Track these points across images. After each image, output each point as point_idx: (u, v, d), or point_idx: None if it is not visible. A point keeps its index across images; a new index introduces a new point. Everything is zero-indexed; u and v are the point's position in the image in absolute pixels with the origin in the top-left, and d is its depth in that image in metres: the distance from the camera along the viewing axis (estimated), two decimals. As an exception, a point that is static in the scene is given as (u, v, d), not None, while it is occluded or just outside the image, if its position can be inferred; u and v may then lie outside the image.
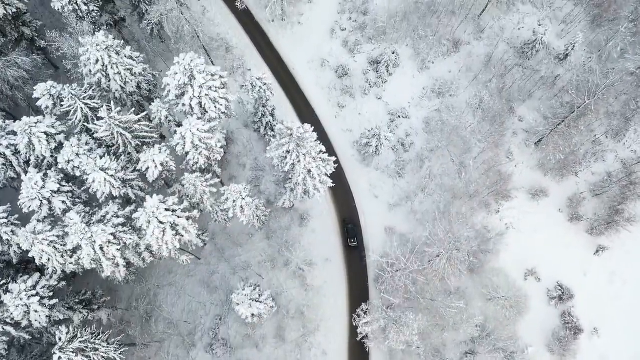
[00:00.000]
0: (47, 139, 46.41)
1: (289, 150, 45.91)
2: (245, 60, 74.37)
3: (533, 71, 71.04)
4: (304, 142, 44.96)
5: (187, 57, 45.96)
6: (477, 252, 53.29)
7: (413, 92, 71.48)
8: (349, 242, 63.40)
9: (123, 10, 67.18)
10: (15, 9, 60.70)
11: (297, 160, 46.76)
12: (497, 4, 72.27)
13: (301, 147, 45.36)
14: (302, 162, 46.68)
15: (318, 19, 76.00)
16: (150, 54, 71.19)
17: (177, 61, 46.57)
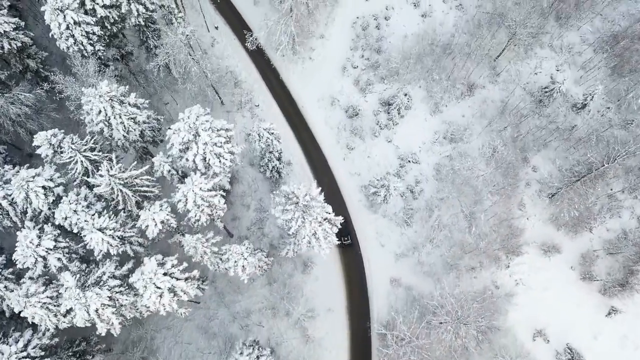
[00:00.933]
0: (45, 192, 44.86)
1: (294, 217, 44.07)
2: (254, 96, 72.68)
3: (549, 119, 68.91)
4: (311, 210, 43.10)
5: (192, 115, 44.34)
6: (486, 329, 51.20)
7: (424, 136, 69.48)
8: (343, 240, 62.62)
9: (130, 44, 65.61)
10: (20, 43, 59.30)
11: (303, 226, 44.92)
12: (515, 47, 69.98)
13: (307, 214, 43.51)
14: (308, 228, 44.85)
15: (330, 55, 74.15)
16: (156, 87, 69.77)
17: (182, 117, 44.97)
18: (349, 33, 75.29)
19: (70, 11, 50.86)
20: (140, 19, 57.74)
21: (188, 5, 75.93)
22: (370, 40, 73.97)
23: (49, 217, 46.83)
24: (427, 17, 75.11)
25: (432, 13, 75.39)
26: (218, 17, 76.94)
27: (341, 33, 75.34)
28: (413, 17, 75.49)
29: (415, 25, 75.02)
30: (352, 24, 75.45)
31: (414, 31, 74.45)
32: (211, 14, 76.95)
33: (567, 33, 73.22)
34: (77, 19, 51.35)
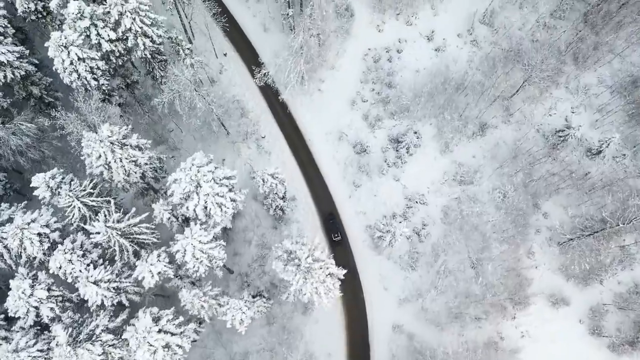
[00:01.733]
0: (40, 239, 43.51)
1: (295, 278, 42.52)
2: (260, 127, 71.21)
3: (562, 164, 66.92)
4: (313, 272, 41.51)
5: (193, 167, 42.73)
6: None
7: (433, 176, 67.74)
8: (333, 237, 63.39)
9: (137, 73, 64.32)
10: (24, 71, 58.15)
11: (304, 285, 43.34)
12: (530, 87, 68.02)
13: (309, 275, 41.94)
14: (309, 287, 43.26)
15: (339, 87, 72.51)
16: (161, 115, 68.45)
17: (183, 167, 43.53)
18: (360, 65, 73.64)
19: (74, 47, 49.54)
20: (146, 52, 56.37)
21: (197, 30, 74.55)
22: (381, 74, 72.27)
23: (43, 263, 45.51)
24: (440, 52, 73.35)
25: (446, 48, 73.62)
26: (227, 44, 75.52)
27: (352, 65, 73.70)
28: (426, 51, 73.74)
29: (428, 59, 73.28)
30: (364, 56, 73.80)
31: (426, 66, 72.70)
32: (220, 39, 75.51)
33: (584, 74, 71.20)
34: (81, 55, 50.06)
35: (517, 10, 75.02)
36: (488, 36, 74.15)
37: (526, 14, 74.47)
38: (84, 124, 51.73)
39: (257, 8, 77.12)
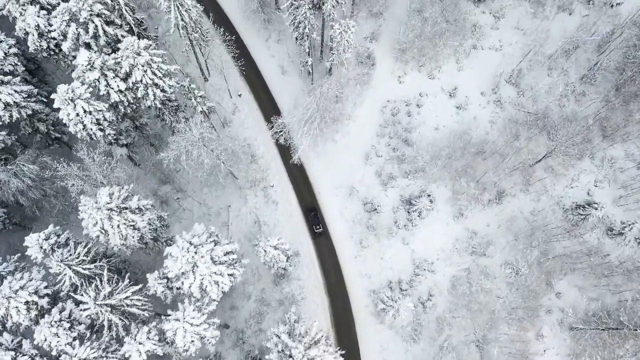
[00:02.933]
0: (28, 307, 41.72)
1: (288, 376, 40.29)
2: (270, 174, 69.05)
3: (580, 241, 63.84)
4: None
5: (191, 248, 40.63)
6: None
7: (444, 243, 65.07)
8: (315, 228, 64.63)
9: (146, 116, 62.54)
10: (31, 110, 56.65)
11: (297, 380, 41.07)
12: (553, 156, 65.00)
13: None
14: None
15: (354, 139, 70.09)
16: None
17: (179, 244, 41.40)
18: (377, 117, 71.16)
19: (81, 100, 47.76)
20: (156, 101, 54.48)
21: (213, 66, 72.54)
22: (398, 129, 69.72)
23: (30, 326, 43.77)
24: (462, 110, 70.60)
25: (468, 106, 70.84)
26: (243, 84, 73.48)
27: (369, 116, 71.25)
28: (447, 108, 71.03)
29: (449, 117, 70.55)
30: (382, 108, 71.31)
31: (446, 123, 70.01)
32: (236, 79, 73.47)
33: (610, 146, 68.00)
34: (87, 109, 48.31)
35: (546, 72, 72.00)
36: (513, 97, 71.23)
37: (555, 77, 71.33)
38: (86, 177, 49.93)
39: (277, 49, 74.96)
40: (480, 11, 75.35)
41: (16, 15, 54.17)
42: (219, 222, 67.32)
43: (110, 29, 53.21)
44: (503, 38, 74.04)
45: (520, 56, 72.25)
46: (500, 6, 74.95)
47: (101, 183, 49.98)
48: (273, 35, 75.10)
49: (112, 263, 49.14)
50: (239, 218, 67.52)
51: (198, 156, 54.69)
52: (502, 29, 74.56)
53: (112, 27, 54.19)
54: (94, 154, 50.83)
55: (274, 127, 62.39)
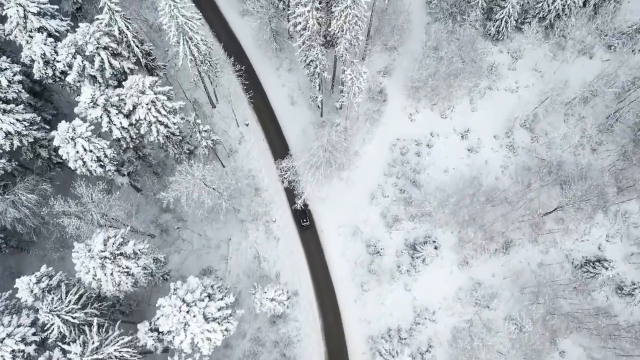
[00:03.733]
0: (13, 355, 40.58)
1: None
2: (273, 208, 67.64)
3: (588, 298, 61.87)
4: None
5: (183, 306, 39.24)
6: None
7: (447, 291, 63.38)
8: (302, 222, 64.66)
9: (149, 146, 61.31)
10: (32, 138, 55.63)
11: None
12: (565, 208, 62.99)
13: None
14: None
15: (361, 177, 68.47)
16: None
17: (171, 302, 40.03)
18: (386, 155, 69.49)
19: (81, 139, 46.58)
20: (160, 137, 53.22)
21: (222, 93, 71.14)
22: (407, 169, 68.01)
23: (16, 374, 42.61)
24: (473, 153, 68.72)
25: (480, 149, 69.00)
26: (251, 113, 72.03)
27: (378, 154, 69.59)
28: (458, 150, 69.21)
29: (459, 159, 68.74)
30: (392, 146, 69.62)
31: (456, 166, 68.21)
32: (244, 107, 72.01)
33: (625, 200, 65.82)
34: (88, 147, 47.10)
35: (562, 118, 70.04)
36: (527, 142, 69.29)
37: (571, 123, 69.33)
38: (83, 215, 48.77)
39: (288, 78, 73.49)
40: (498, 50, 73.44)
41: (22, 43, 53.09)
42: (218, 255, 66.07)
43: (117, 62, 52.07)
44: (520, 80, 72.07)
45: (537, 100, 70.35)
46: (518, 46, 72.95)
47: (98, 223, 48.79)
48: (284, 64, 73.65)
49: (104, 307, 47.90)
50: (238, 252, 66.19)
51: (199, 197, 53.30)
52: (520, 70, 72.59)
53: (118, 59, 53.06)
54: (92, 190, 49.61)
55: (279, 167, 60.70)
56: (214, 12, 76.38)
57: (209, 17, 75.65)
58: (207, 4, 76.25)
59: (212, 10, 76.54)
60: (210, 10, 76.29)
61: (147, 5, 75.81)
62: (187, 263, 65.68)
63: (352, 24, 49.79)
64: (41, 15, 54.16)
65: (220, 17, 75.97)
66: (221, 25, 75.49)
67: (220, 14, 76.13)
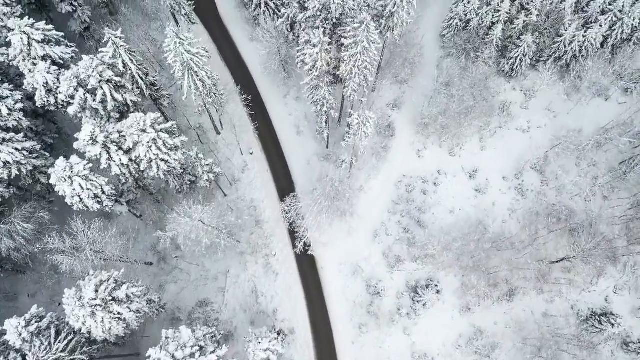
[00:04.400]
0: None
1: None
2: (273, 241, 66.42)
3: (592, 353, 60.03)
4: None
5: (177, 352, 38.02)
6: None
7: (447, 337, 61.82)
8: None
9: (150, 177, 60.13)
10: (31, 166, 54.67)
11: None
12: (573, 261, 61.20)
13: None
14: None
15: (365, 214, 66.99)
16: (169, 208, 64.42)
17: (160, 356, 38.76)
18: (391, 192, 68.00)
19: (78, 178, 45.52)
20: (160, 172, 52.07)
21: (227, 120, 69.97)
22: (412, 207, 66.48)
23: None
24: (480, 194, 67.09)
25: (488, 189, 67.36)
26: (256, 141, 70.79)
27: (383, 190, 68.11)
28: (465, 190, 67.61)
29: (466, 199, 67.12)
30: (397, 182, 68.10)
31: (463, 206, 66.63)
32: (249, 135, 70.81)
33: (635, 251, 63.95)
34: (85, 186, 46.03)
35: (574, 161, 68.24)
36: (536, 185, 67.57)
37: (583, 168, 67.52)
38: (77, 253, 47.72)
39: (294, 107, 72.20)
40: (511, 87, 71.78)
41: (25, 72, 52.16)
42: (215, 287, 64.94)
43: (119, 95, 51.01)
44: (532, 119, 70.37)
45: (549, 142, 68.68)
46: (532, 84, 71.26)
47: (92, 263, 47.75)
48: (292, 92, 72.37)
49: (94, 349, 46.81)
50: (236, 285, 65.01)
51: (196, 237, 52.13)
52: (532, 109, 70.91)
53: (122, 91, 51.98)
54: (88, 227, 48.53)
55: (282, 208, 59.51)
56: (223, 34, 75.40)
57: (219, 40, 74.72)
58: (217, 27, 75.26)
59: (222, 32, 75.57)
60: (220, 32, 75.35)
61: (155, 27, 74.70)
62: (183, 293, 64.58)
63: (361, 68, 48.39)
64: (46, 42, 53.14)
65: (229, 41, 74.91)
66: (230, 49, 74.40)
67: (229, 38, 75.07)
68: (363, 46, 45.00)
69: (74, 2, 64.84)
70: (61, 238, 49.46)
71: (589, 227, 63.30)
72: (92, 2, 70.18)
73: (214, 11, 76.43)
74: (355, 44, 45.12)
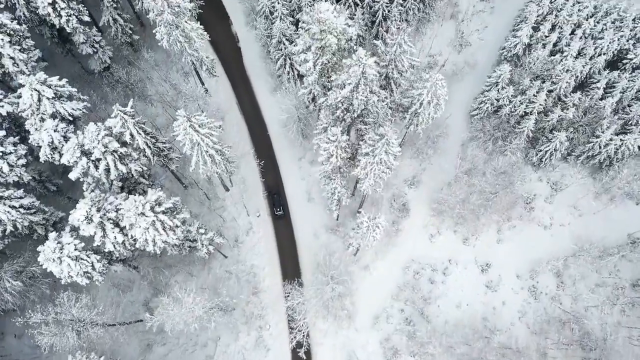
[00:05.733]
0: None
1: None
2: (268, 313, 64.06)
3: None
4: None
5: None
6: None
7: None
8: (275, 211, 65.19)
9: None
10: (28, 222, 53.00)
11: None
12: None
13: None
14: None
15: (367, 295, 64.20)
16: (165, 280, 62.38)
17: None
18: (397, 276, 65.03)
19: (68, 258, 43.53)
20: (156, 248, 49.91)
21: (237, 180, 67.56)
22: (417, 296, 63.38)
23: None
24: (491, 290, 63.81)
25: (499, 287, 63.97)
26: (264, 204, 68.36)
27: (389, 272, 65.17)
28: (475, 284, 64.31)
29: (475, 294, 63.83)
30: (405, 267, 65.10)
31: (470, 301, 63.38)
32: (259, 196, 68.47)
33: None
34: (74, 268, 44.06)
35: (595, 267, 64.19)
36: (552, 289, 63.95)
37: (604, 276, 63.65)
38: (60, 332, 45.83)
39: (308, 171, 69.51)
40: (537, 177, 68.11)
41: (31, 130, 50.47)
42: (203, 354, 62.83)
43: (123, 167, 48.95)
44: (555, 216, 66.62)
45: (570, 242, 65.01)
46: (561, 176, 67.65)
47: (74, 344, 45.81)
48: (307, 156, 69.71)
49: None
50: (225, 355, 62.75)
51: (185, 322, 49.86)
52: (557, 205, 67.13)
53: (127, 160, 49.94)
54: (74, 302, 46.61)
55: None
56: (245, 85, 73.06)
57: (240, 91, 72.53)
58: (239, 77, 73.04)
59: (244, 83, 73.23)
60: (242, 83, 73.11)
61: (177, 68, 72.75)
62: (170, 357, 62.51)
63: (378, 173, 45.48)
64: (57, 97, 51.30)
65: (250, 93, 72.59)
66: (250, 102, 72.17)
67: (251, 90, 72.70)
68: (381, 158, 42.11)
69: (95, 44, 62.91)
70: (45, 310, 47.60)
71: (603, 342, 59.53)
72: (115, 42, 68.30)
73: (239, 60, 74.18)
74: (373, 154, 42.24)
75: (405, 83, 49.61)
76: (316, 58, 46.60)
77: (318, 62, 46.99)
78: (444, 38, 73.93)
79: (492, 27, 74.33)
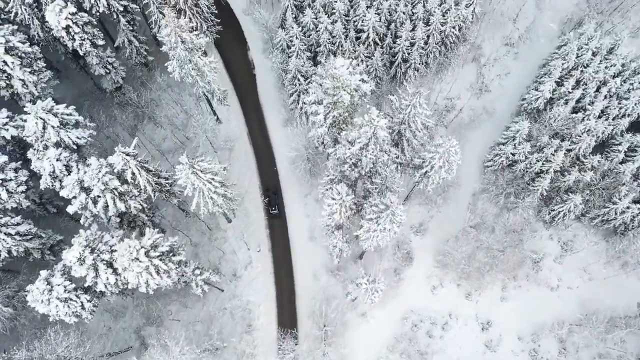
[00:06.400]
0: None
1: None
2: (260, 352, 62.55)
3: None
4: None
5: None
6: None
7: None
8: (270, 209, 65.05)
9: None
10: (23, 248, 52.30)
11: None
12: None
13: None
14: None
15: (361, 344, 62.55)
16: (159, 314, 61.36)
17: None
18: (395, 326, 63.32)
19: (57, 300, 42.62)
20: (149, 289, 48.86)
21: (240, 212, 66.34)
22: (413, 349, 61.71)
23: None
24: (490, 350, 61.93)
25: (499, 347, 62.04)
26: (266, 239, 67.09)
27: (386, 321, 63.47)
28: (474, 342, 62.44)
29: (473, 352, 62.05)
30: (404, 317, 63.38)
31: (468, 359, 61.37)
32: (261, 230, 67.26)
33: None
34: (63, 308, 43.11)
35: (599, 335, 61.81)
36: (553, 354, 61.87)
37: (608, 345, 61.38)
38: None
39: (313, 208, 67.95)
40: (549, 235, 65.94)
41: (32, 159, 49.67)
42: (191, 393, 61.39)
43: (122, 204, 47.92)
44: (564, 278, 64.46)
45: (577, 306, 62.81)
46: (573, 236, 65.39)
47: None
48: (313, 193, 68.20)
49: None
50: None
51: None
52: (566, 266, 64.94)
53: (126, 197, 48.95)
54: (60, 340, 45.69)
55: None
56: (257, 115, 71.83)
57: (251, 122, 71.43)
58: (252, 107, 71.90)
59: (257, 112, 72.01)
60: (254, 113, 71.94)
61: (190, 92, 71.70)
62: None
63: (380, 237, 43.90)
64: (62, 125, 50.46)
65: (262, 124, 71.48)
66: (261, 133, 71.03)
67: (263, 120, 71.48)
68: (385, 227, 40.56)
69: (108, 65, 62.11)
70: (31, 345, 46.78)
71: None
72: (129, 62, 67.51)
73: (253, 87, 72.98)
74: (377, 222, 40.69)
75: (417, 142, 47.96)
76: (327, 111, 45.19)
77: (329, 116, 45.55)
78: (464, 81, 72.01)
79: (514, 74, 72.31)
